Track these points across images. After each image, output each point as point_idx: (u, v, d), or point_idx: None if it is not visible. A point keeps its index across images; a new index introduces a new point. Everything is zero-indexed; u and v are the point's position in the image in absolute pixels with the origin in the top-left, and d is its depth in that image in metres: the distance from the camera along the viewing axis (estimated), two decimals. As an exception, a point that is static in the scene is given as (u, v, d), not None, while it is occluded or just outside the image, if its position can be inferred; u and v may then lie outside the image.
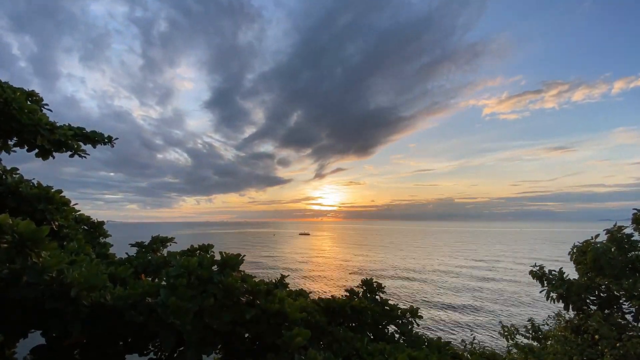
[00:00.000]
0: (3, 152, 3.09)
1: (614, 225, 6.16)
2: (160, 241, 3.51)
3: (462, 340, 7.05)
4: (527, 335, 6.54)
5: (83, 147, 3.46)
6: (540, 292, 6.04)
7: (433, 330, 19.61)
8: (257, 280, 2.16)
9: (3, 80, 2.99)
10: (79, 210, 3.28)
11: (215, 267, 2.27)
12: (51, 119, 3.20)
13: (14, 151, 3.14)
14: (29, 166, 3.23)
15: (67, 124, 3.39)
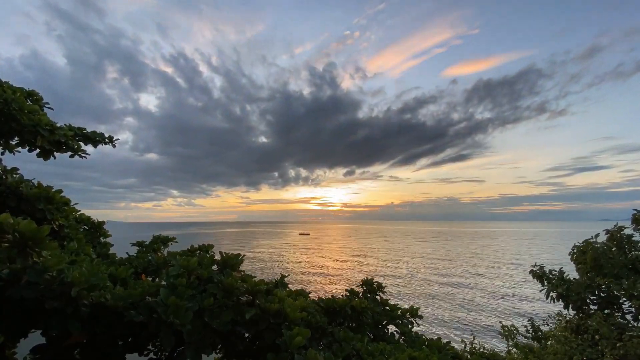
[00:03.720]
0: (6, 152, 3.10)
1: (615, 226, 6.18)
2: (161, 241, 3.52)
3: (462, 340, 7.06)
4: (527, 335, 6.55)
5: (83, 147, 3.46)
6: (540, 291, 6.06)
7: (433, 330, 19.61)
8: (257, 280, 2.17)
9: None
10: (80, 210, 3.29)
11: (215, 267, 2.27)
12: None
13: (18, 151, 3.15)
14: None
15: (67, 124, 3.39)
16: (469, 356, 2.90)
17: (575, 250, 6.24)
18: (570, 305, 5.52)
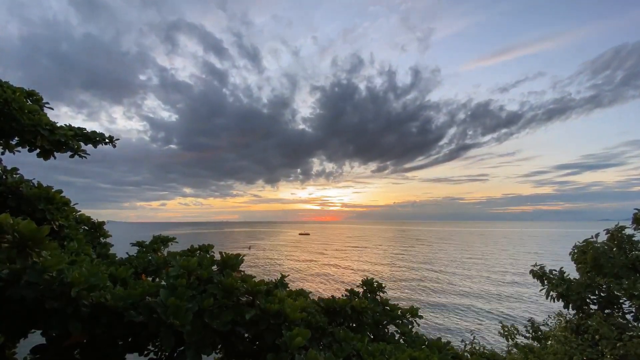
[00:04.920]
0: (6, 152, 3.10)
1: (615, 225, 6.17)
2: (161, 241, 3.52)
3: (462, 340, 7.07)
4: (527, 335, 6.55)
5: (83, 147, 3.47)
6: (540, 290, 6.06)
7: (433, 330, 19.62)
8: (257, 281, 2.17)
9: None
10: (80, 211, 3.29)
11: (215, 267, 2.28)
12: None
13: (18, 151, 3.15)
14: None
15: (67, 124, 3.40)
16: (469, 356, 2.90)
17: (575, 250, 6.24)
18: (570, 305, 5.52)
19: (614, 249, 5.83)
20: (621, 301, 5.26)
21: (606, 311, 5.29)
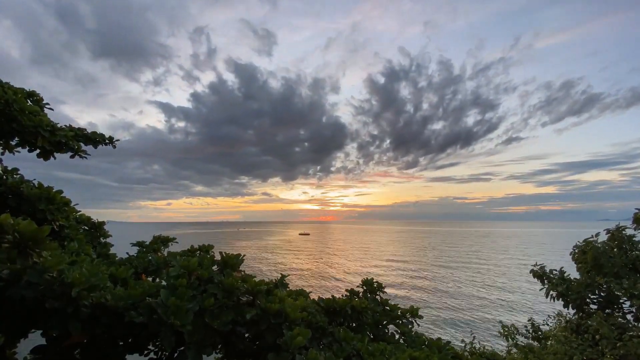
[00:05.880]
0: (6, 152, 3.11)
1: (616, 225, 6.18)
2: (161, 241, 3.52)
3: (462, 340, 7.07)
4: (527, 335, 6.55)
5: (84, 147, 3.48)
6: (540, 290, 6.06)
7: (433, 330, 19.61)
8: (257, 280, 2.17)
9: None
10: (80, 211, 3.30)
11: (215, 267, 2.28)
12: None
13: (18, 152, 3.16)
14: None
15: (67, 125, 3.41)
16: (469, 356, 2.90)
17: (576, 250, 6.25)
18: (570, 305, 5.52)
19: (614, 249, 5.84)
20: (621, 301, 5.26)
21: (606, 311, 5.29)
